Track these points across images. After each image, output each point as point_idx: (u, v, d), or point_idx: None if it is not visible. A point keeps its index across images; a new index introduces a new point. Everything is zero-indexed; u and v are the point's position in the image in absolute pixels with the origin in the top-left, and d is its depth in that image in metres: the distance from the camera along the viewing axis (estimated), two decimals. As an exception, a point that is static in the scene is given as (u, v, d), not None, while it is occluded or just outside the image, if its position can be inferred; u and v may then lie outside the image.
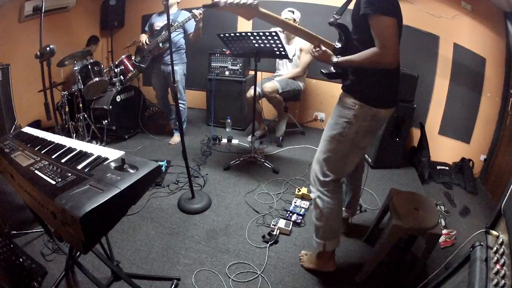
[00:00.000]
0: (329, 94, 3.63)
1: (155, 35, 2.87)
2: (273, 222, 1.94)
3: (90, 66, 2.96)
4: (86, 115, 3.03)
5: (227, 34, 2.28)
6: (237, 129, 3.61)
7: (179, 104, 2.63)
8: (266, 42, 2.20)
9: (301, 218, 2.02)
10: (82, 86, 2.94)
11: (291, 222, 1.96)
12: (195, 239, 1.84)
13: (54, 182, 0.84)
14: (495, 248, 0.98)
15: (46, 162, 0.97)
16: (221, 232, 1.92)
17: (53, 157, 1.03)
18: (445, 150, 3.01)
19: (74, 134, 3.02)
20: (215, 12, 1.46)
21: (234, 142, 3.26)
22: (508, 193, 1.06)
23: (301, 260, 1.69)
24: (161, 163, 2.59)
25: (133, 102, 3.39)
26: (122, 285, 1.45)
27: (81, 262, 1.22)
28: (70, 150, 1.07)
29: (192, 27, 2.81)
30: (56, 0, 3.34)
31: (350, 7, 1.33)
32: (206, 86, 3.54)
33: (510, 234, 0.95)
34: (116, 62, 3.29)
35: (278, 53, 2.29)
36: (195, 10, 2.53)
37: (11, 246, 1.45)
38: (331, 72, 1.42)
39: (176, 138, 3.23)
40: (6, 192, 1.85)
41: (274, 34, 2.12)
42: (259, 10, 1.34)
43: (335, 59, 1.32)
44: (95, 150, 1.05)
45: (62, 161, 1.00)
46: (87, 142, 2.57)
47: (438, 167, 2.81)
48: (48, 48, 1.87)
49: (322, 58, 1.37)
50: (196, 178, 2.49)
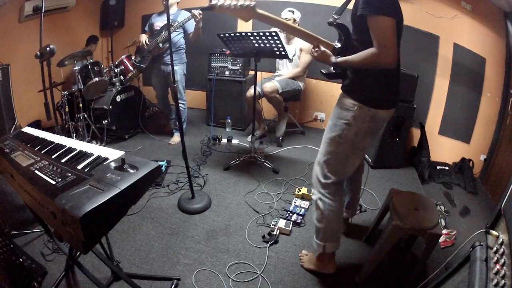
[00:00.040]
0: (329, 94, 3.64)
1: (155, 35, 2.87)
2: (273, 222, 1.94)
3: (90, 66, 2.96)
4: (86, 115, 3.03)
5: (227, 34, 2.28)
6: (237, 129, 3.62)
7: (179, 104, 2.64)
8: (266, 42, 2.20)
9: (301, 218, 2.02)
10: (82, 86, 2.94)
11: (291, 222, 1.96)
12: (195, 239, 1.84)
13: (54, 182, 0.84)
14: (495, 248, 0.98)
15: (46, 162, 0.97)
16: (221, 232, 1.92)
17: (53, 157, 1.02)
18: (445, 150, 3.01)
19: (74, 134, 3.02)
20: (214, 13, 1.45)
21: (234, 142, 3.26)
22: (508, 193, 1.06)
23: (301, 260, 1.69)
24: (161, 163, 2.59)
25: (133, 102, 3.39)
26: (122, 285, 1.45)
27: (81, 262, 1.22)
28: (70, 150, 1.07)
29: (192, 27, 2.81)
30: (56, 0, 3.34)
31: (350, 7, 1.32)
32: (206, 86, 3.54)
33: (510, 234, 0.95)
34: (116, 62, 3.29)
35: (278, 53, 2.29)
36: (195, 10, 2.53)
37: (11, 246, 1.44)
38: (331, 72, 1.41)
39: (176, 138, 3.23)
40: (6, 192, 1.85)
41: (274, 34, 2.12)
42: (257, 12, 1.34)
43: (334, 60, 1.32)
44: (95, 150, 1.05)
45: (62, 161, 1.00)
46: (87, 142, 2.57)
47: (438, 167, 2.81)
48: (48, 48, 1.87)
49: (321, 58, 1.37)
50: (196, 178, 2.49)
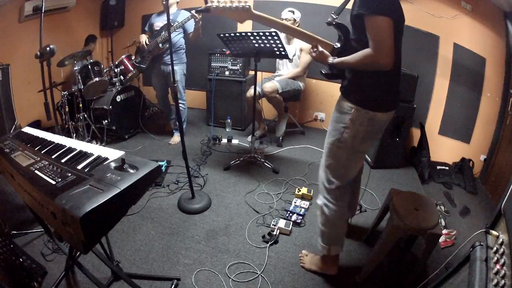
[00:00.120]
0: (329, 94, 3.64)
1: (155, 35, 2.87)
2: (273, 222, 1.94)
3: (90, 66, 2.96)
4: (86, 115, 3.03)
5: (227, 34, 2.28)
6: (237, 129, 3.61)
7: (179, 104, 2.64)
8: (266, 42, 2.20)
9: (301, 218, 2.02)
10: (82, 86, 2.94)
11: (291, 222, 1.96)
12: (195, 239, 1.84)
13: (54, 182, 0.84)
14: (495, 248, 0.98)
15: (46, 162, 0.97)
16: (221, 232, 1.92)
17: (53, 157, 1.02)
18: (445, 150, 3.01)
19: (74, 134, 3.02)
20: (211, 14, 1.45)
21: (234, 142, 3.26)
22: (508, 193, 1.06)
23: (301, 259, 1.69)
24: (161, 163, 2.59)
25: (133, 102, 3.39)
26: (122, 285, 1.45)
27: (81, 262, 1.22)
28: (70, 150, 1.07)
29: (191, 27, 2.81)
30: (56, 0, 3.34)
31: (349, 7, 1.30)
32: (206, 86, 3.54)
33: (510, 234, 0.95)
34: (116, 62, 3.29)
35: (278, 53, 2.29)
36: (194, 10, 2.53)
37: (11, 246, 1.45)
38: (328, 72, 1.40)
39: (176, 138, 3.23)
40: (6, 192, 1.85)
41: (274, 34, 2.12)
42: (253, 13, 1.33)
43: (331, 60, 1.30)
44: (95, 150, 1.05)
45: (62, 161, 1.00)
46: (87, 142, 2.57)
47: (438, 167, 2.81)
48: (48, 48, 1.87)
49: (319, 58, 1.36)
50: (196, 178, 2.49)
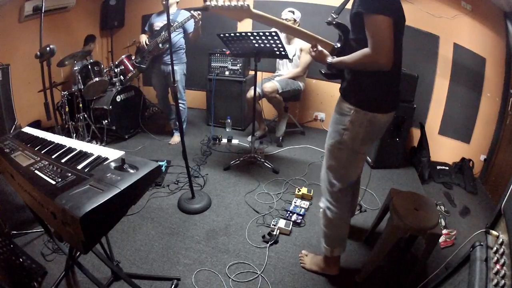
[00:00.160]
0: (329, 94, 3.63)
1: (155, 35, 2.86)
2: (273, 222, 1.94)
3: (90, 66, 2.96)
4: (86, 115, 3.03)
5: (227, 34, 2.28)
6: (237, 129, 3.61)
7: (179, 104, 2.64)
8: (266, 42, 2.20)
9: (301, 218, 2.02)
10: (82, 86, 2.94)
11: (291, 222, 1.96)
12: (195, 239, 1.84)
13: (54, 182, 0.84)
14: (495, 248, 0.98)
15: (46, 162, 0.97)
16: (221, 232, 1.92)
17: (53, 157, 1.02)
18: (445, 150, 3.01)
19: (74, 134, 3.02)
20: (209, 13, 1.45)
21: (234, 142, 3.26)
22: (508, 193, 1.06)
23: (301, 260, 1.69)
24: (161, 163, 2.59)
25: (133, 102, 3.39)
26: (122, 285, 1.45)
27: (81, 262, 1.22)
28: (70, 150, 1.07)
29: (191, 27, 2.81)
30: (56, 0, 3.34)
31: (349, 7, 1.28)
32: (206, 86, 3.54)
33: (510, 234, 0.95)
34: (116, 62, 3.29)
35: (278, 53, 2.29)
36: (193, 11, 2.54)
37: (11, 246, 1.45)
38: (328, 72, 1.39)
39: (176, 138, 3.23)
40: (6, 192, 1.85)
41: (274, 34, 2.12)
42: (252, 12, 1.32)
43: (330, 60, 1.29)
44: (95, 150, 1.04)
45: (62, 161, 1.00)
46: (87, 142, 2.57)
47: (438, 167, 2.81)
48: (48, 48, 1.87)
49: (318, 58, 1.36)
50: (196, 178, 2.49)
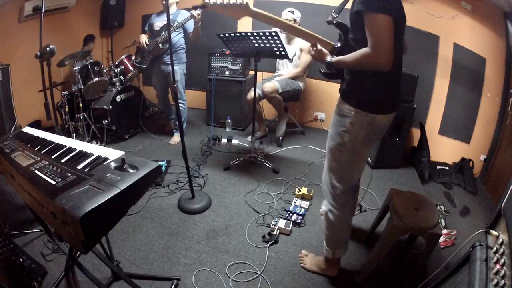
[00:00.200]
0: (329, 94, 3.63)
1: (155, 35, 2.86)
2: (273, 222, 1.94)
3: (90, 66, 2.96)
4: (86, 115, 3.03)
5: (227, 34, 2.28)
6: (237, 129, 3.61)
7: (179, 104, 2.63)
8: (266, 42, 2.20)
9: (301, 218, 2.02)
10: (82, 86, 2.94)
11: (291, 222, 1.96)
12: (195, 239, 1.84)
13: (54, 182, 0.84)
14: (495, 248, 0.98)
15: (46, 162, 0.97)
16: (221, 232, 1.92)
17: (53, 157, 1.02)
18: (445, 150, 3.01)
19: (74, 134, 3.02)
20: (214, 12, 1.45)
21: (234, 142, 3.26)
22: (508, 193, 1.06)
23: (301, 260, 1.69)
24: (161, 163, 2.59)
25: (133, 102, 3.38)
26: (122, 285, 1.45)
27: (81, 262, 1.22)
28: (70, 150, 1.07)
29: (191, 27, 2.81)
30: (56, 0, 3.34)
31: (349, 7, 1.27)
32: (206, 86, 3.54)
33: (510, 234, 0.95)
34: (116, 62, 3.29)
35: (278, 53, 2.29)
36: (193, 11, 2.53)
37: (11, 246, 1.44)
38: (327, 72, 1.38)
39: (176, 138, 3.23)
40: (6, 192, 1.85)
41: (274, 34, 2.12)
42: (251, 10, 1.31)
43: (329, 59, 1.28)
44: (95, 150, 1.04)
45: (62, 161, 1.00)
46: (87, 142, 2.57)
47: (438, 167, 2.81)
48: (48, 48, 1.86)
49: (318, 57, 1.35)
50: (196, 178, 2.49)
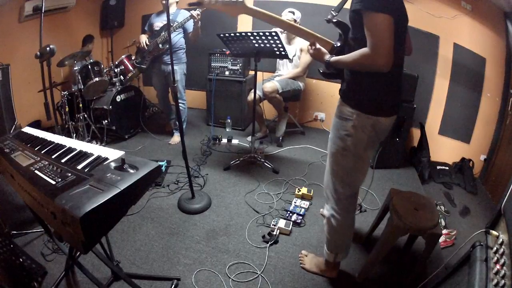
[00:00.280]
0: (329, 94, 3.64)
1: (155, 36, 2.86)
2: (273, 222, 1.94)
3: (90, 66, 2.96)
4: (86, 115, 3.03)
5: (227, 34, 2.28)
6: (237, 129, 3.61)
7: (179, 103, 2.63)
8: (266, 42, 2.20)
9: (301, 218, 2.02)
10: (82, 86, 2.94)
11: (291, 222, 1.96)
12: (195, 239, 1.84)
13: (54, 182, 0.84)
14: (495, 248, 0.98)
15: (46, 162, 0.97)
16: (221, 232, 1.92)
17: (53, 157, 1.02)
18: (445, 150, 3.01)
19: (74, 134, 3.02)
20: (214, 11, 1.45)
21: (234, 142, 3.26)
22: (508, 193, 1.06)
23: (300, 259, 1.69)
24: (161, 163, 2.59)
25: (133, 102, 3.38)
26: (122, 285, 1.45)
27: (81, 262, 1.22)
28: (70, 150, 1.07)
29: (191, 27, 2.81)
30: (56, 0, 3.34)
31: (348, 5, 1.24)
32: (206, 86, 3.54)
33: (510, 234, 0.95)
34: (116, 62, 3.29)
35: (278, 53, 2.29)
36: (193, 11, 2.54)
37: (11, 246, 1.44)
38: (326, 71, 1.36)
39: (176, 138, 3.23)
40: (6, 192, 1.85)
41: (274, 34, 2.12)
42: (247, 7, 1.30)
43: (327, 58, 1.26)
44: (95, 150, 1.04)
45: (62, 161, 0.99)
46: (87, 142, 2.57)
47: (438, 167, 2.81)
48: (48, 48, 1.86)
49: (316, 56, 1.33)
50: (196, 178, 2.49)
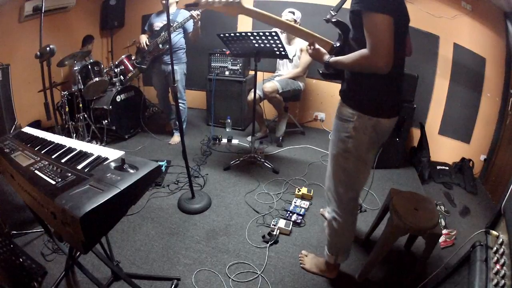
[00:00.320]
0: (329, 94, 3.64)
1: (155, 36, 2.86)
2: (273, 222, 1.94)
3: (90, 66, 2.96)
4: (86, 115, 3.03)
5: (227, 34, 2.28)
6: (237, 129, 3.62)
7: (179, 103, 2.64)
8: (266, 42, 2.20)
9: (301, 218, 2.02)
10: (82, 86, 2.94)
11: (291, 222, 1.96)
12: (195, 239, 1.84)
13: (54, 182, 0.84)
14: (495, 248, 0.98)
15: (46, 162, 0.97)
16: (221, 232, 1.92)
17: (53, 157, 1.02)
18: (445, 150, 3.01)
19: (74, 134, 3.02)
20: (214, 11, 1.44)
21: (234, 142, 3.26)
22: (508, 193, 1.06)
23: (301, 260, 1.69)
24: (161, 163, 2.59)
25: (133, 102, 3.38)
26: (122, 285, 1.45)
27: (81, 262, 1.22)
28: (70, 150, 1.07)
29: (191, 27, 2.81)
30: (56, 0, 3.34)
31: (348, 5, 1.22)
32: (206, 86, 3.55)
33: (510, 234, 0.95)
34: (116, 62, 3.29)
35: (278, 53, 2.29)
36: (193, 11, 2.54)
37: (11, 246, 1.44)
38: (325, 72, 1.35)
39: (176, 138, 3.23)
40: (6, 192, 1.85)
41: (274, 34, 2.12)
42: (243, 7, 1.30)
43: (327, 59, 1.25)
44: (95, 150, 1.04)
45: (62, 161, 0.99)
46: (87, 142, 2.57)
47: (438, 167, 2.81)
48: (48, 48, 1.87)
49: (315, 56, 1.32)
50: (196, 178, 2.49)
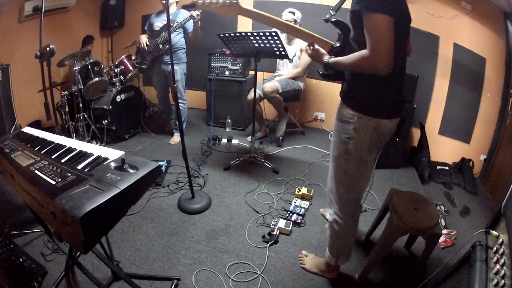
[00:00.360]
0: (329, 94, 3.64)
1: (155, 36, 2.86)
2: (273, 222, 1.94)
3: (90, 66, 2.96)
4: (86, 115, 3.03)
5: (227, 34, 2.28)
6: (237, 129, 3.62)
7: (179, 103, 2.63)
8: (266, 42, 2.20)
9: (301, 218, 2.02)
10: (82, 86, 2.94)
11: (291, 222, 1.96)
12: (195, 239, 1.84)
13: (54, 182, 0.84)
14: (495, 248, 0.98)
15: (46, 162, 0.97)
16: (221, 232, 1.92)
17: (53, 157, 1.02)
18: (445, 150, 3.01)
19: (74, 134, 3.02)
20: (206, 11, 1.43)
21: (234, 142, 3.26)
22: (508, 193, 1.07)
23: (301, 260, 1.69)
24: (161, 163, 2.59)
25: (133, 102, 3.38)
26: (122, 285, 1.45)
27: (81, 262, 1.22)
28: (70, 150, 1.07)
29: (191, 27, 2.81)
30: (56, 0, 3.34)
31: (347, 5, 1.21)
32: (206, 86, 3.55)
33: (510, 234, 0.95)
34: (116, 62, 3.29)
35: (278, 53, 2.29)
36: (193, 11, 2.54)
37: (11, 246, 1.44)
38: (325, 73, 1.35)
39: (176, 138, 3.23)
40: (6, 192, 1.85)
41: (274, 34, 2.12)
42: (241, 7, 1.30)
43: (326, 60, 1.24)
44: (95, 150, 1.04)
45: (62, 161, 1.00)
46: (87, 142, 2.57)
47: (438, 167, 2.81)
48: (48, 48, 1.87)
49: (315, 57, 1.31)
50: (196, 178, 2.49)
